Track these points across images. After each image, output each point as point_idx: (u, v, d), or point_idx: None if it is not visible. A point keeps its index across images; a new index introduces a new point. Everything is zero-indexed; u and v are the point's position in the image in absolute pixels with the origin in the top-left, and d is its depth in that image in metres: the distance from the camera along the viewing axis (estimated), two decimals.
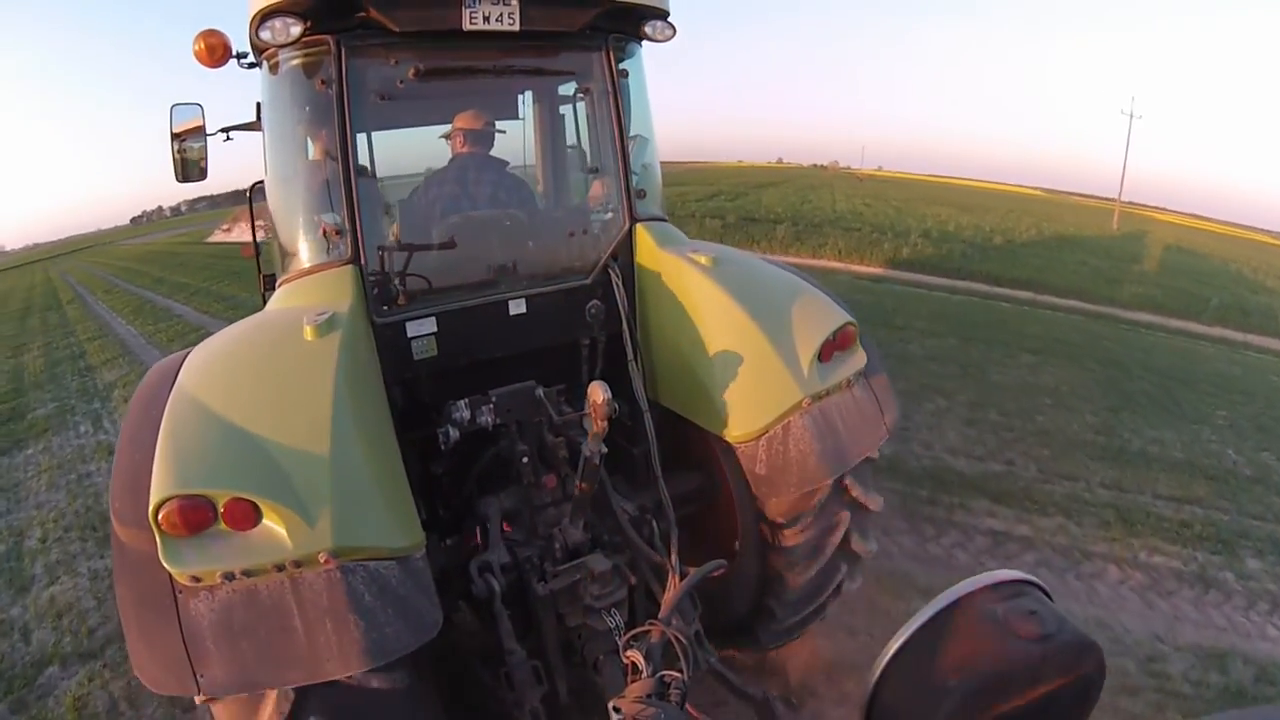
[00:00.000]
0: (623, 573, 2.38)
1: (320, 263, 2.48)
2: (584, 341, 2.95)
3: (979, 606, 0.85)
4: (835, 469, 2.42)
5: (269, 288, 3.25)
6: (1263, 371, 9.61)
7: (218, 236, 37.95)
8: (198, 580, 1.65)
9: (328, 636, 1.67)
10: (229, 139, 3.27)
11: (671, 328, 2.75)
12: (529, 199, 3.27)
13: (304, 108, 2.58)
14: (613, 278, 2.83)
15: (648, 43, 2.94)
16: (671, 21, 2.82)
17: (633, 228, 2.88)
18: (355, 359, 2.08)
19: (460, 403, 2.51)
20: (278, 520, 1.67)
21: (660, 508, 2.56)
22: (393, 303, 2.52)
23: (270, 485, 1.69)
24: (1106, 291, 13.63)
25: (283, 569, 1.67)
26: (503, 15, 2.42)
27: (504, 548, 2.43)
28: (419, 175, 3.14)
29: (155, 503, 1.61)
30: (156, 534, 1.62)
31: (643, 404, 2.68)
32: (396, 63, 2.51)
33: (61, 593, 4.14)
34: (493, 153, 3.07)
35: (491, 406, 2.50)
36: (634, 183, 2.92)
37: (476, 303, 2.69)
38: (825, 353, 2.48)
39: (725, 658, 2.37)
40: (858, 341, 2.62)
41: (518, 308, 2.74)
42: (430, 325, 2.57)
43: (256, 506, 1.67)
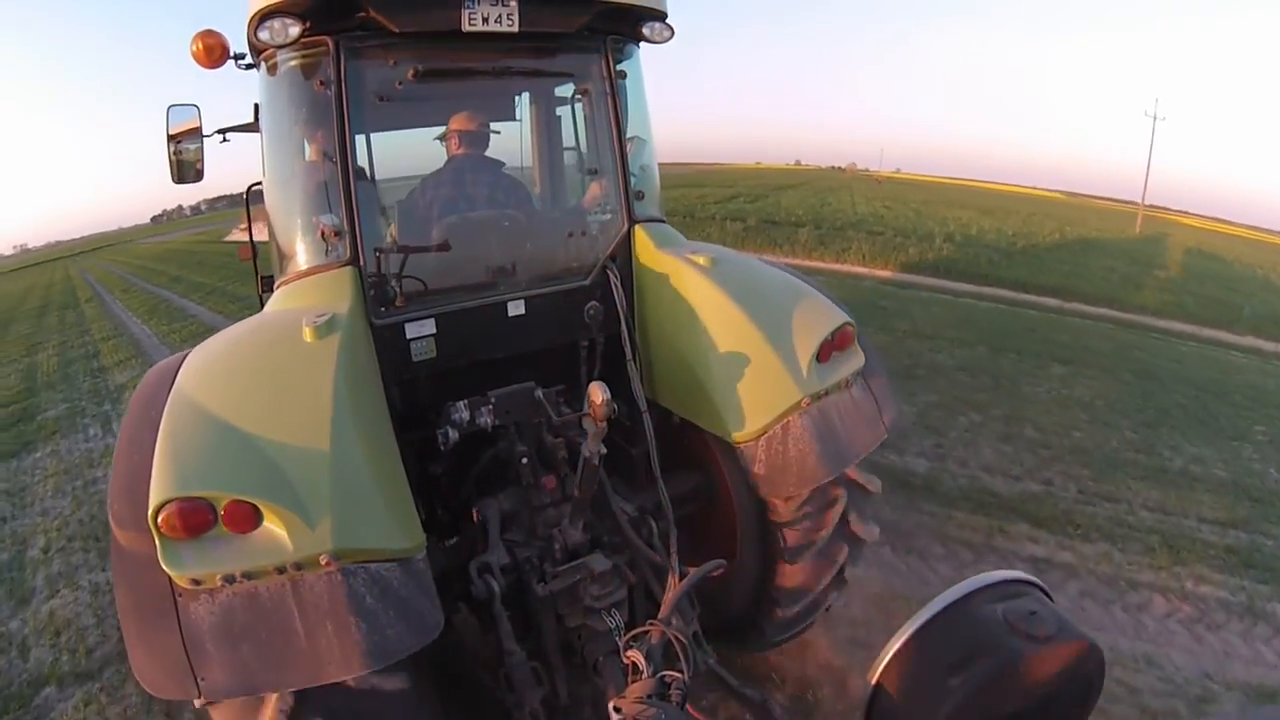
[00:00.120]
0: (622, 573, 2.38)
1: (319, 264, 2.47)
2: (583, 342, 2.96)
3: (979, 606, 0.84)
4: (834, 469, 2.42)
5: (267, 289, 3.25)
6: None
7: (236, 235, 38.17)
8: (198, 583, 1.64)
9: (329, 639, 1.65)
10: (225, 140, 3.26)
11: (670, 328, 2.75)
12: (526, 200, 3.27)
13: (302, 109, 2.57)
14: (611, 279, 2.82)
15: (649, 45, 2.94)
16: (670, 23, 2.82)
17: (631, 229, 2.88)
18: (354, 360, 2.08)
19: (459, 404, 2.52)
20: (278, 522, 1.66)
21: (660, 508, 2.57)
22: (391, 304, 2.52)
23: (270, 487, 1.67)
24: (1135, 298, 13.27)
25: (283, 571, 1.66)
26: (502, 16, 2.42)
27: (503, 549, 2.43)
28: (417, 177, 3.13)
29: (154, 505, 1.59)
30: (156, 537, 1.61)
31: (641, 404, 2.69)
32: (395, 64, 2.51)
33: (61, 607, 4.08)
34: (490, 154, 3.07)
35: (491, 408, 2.50)
36: (632, 184, 2.92)
37: (475, 304, 2.68)
38: (824, 353, 2.48)
39: (724, 658, 2.36)
40: (856, 342, 2.62)
41: (516, 309, 2.74)
42: (429, 327, 2.57)
43: (256, 509, 1.66)
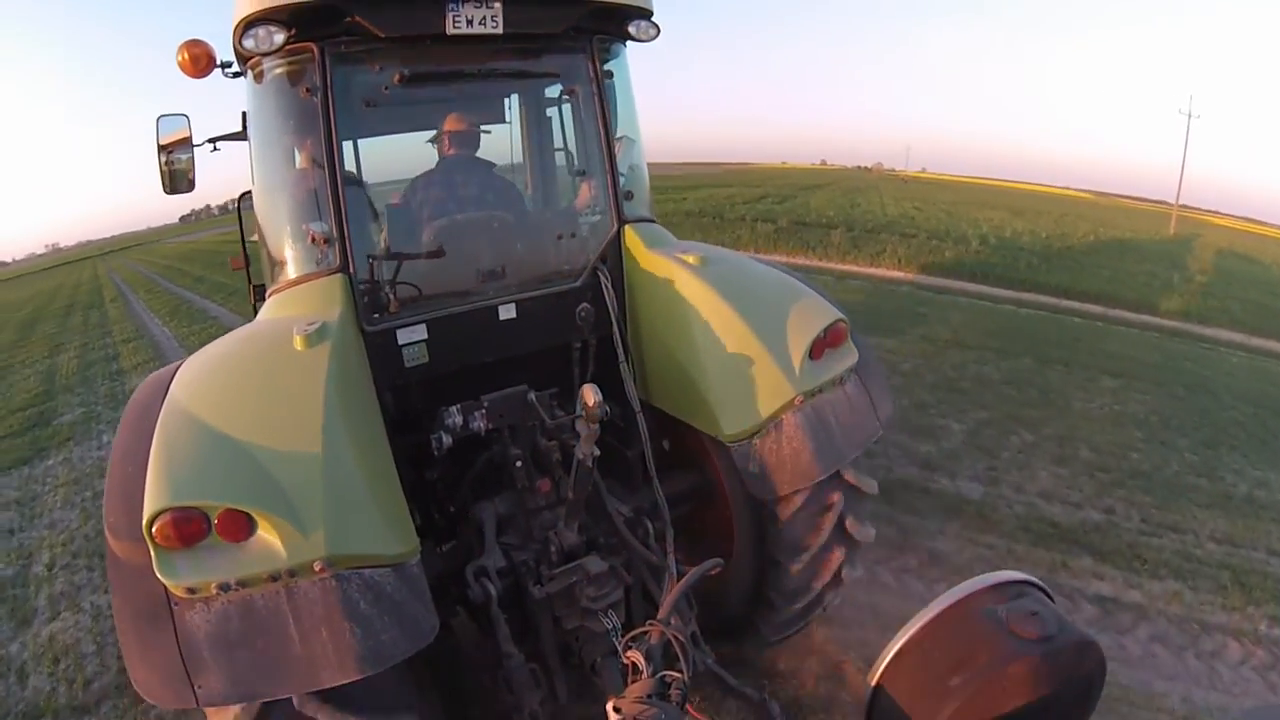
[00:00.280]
0: (619, 574, 2.38)
1: (309, 272, 2.46)
2: (575, 344, 2.95)
3: (979, 607, 0.83)
4: (829, 466, 2.42)
5: (259, 298, 3.23)
6: None
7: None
8: (193, 592, 1.64)
9: (324, 645, 1.66)
10: (216, 149, 3.22)
11: (662, 329, 2.75)
12: (516, 200, 3.27)
13: (290, 116, 2.56)
14: (602, 280, 2.82)
15: (640, 44, 2.92)
16: (655, 21, 2.81)
17: (621, 229, 2.88)
18: (346, 368, 2.07)
19: (453, 408, 2.51)
20: (271, 530, 1.66)
21: (656, 509, 2.57)
22: (383, 310, 2.51)
23: (263, 496, 1.68)
24: (1179, 305, 12.80)
25: (278, 579, 1.66)
26: (486, 18, 2.41)
27: (499, 552, 2.43)
28: (406, 181, 3.10)
29: (149, 515, 1.59)
30: (151, 547, 1.61)
31: (635, 405, 2.69)
32: (381, 68, 2.50)
33: (62, 631, 3.98)
34: (480, 155, 3.06)
35: (484, 412, 2.50)
36: (621, 184, 2.91)
37: (467, 308, 2.67)
38: (816, 350, 2.48)
39: (722, 658, 2.36)
40: (849, 339, 2.62)
41: (508, 312, 2.73)
42: (421, 332, 2.56)
43: (250, 517, 1.66)
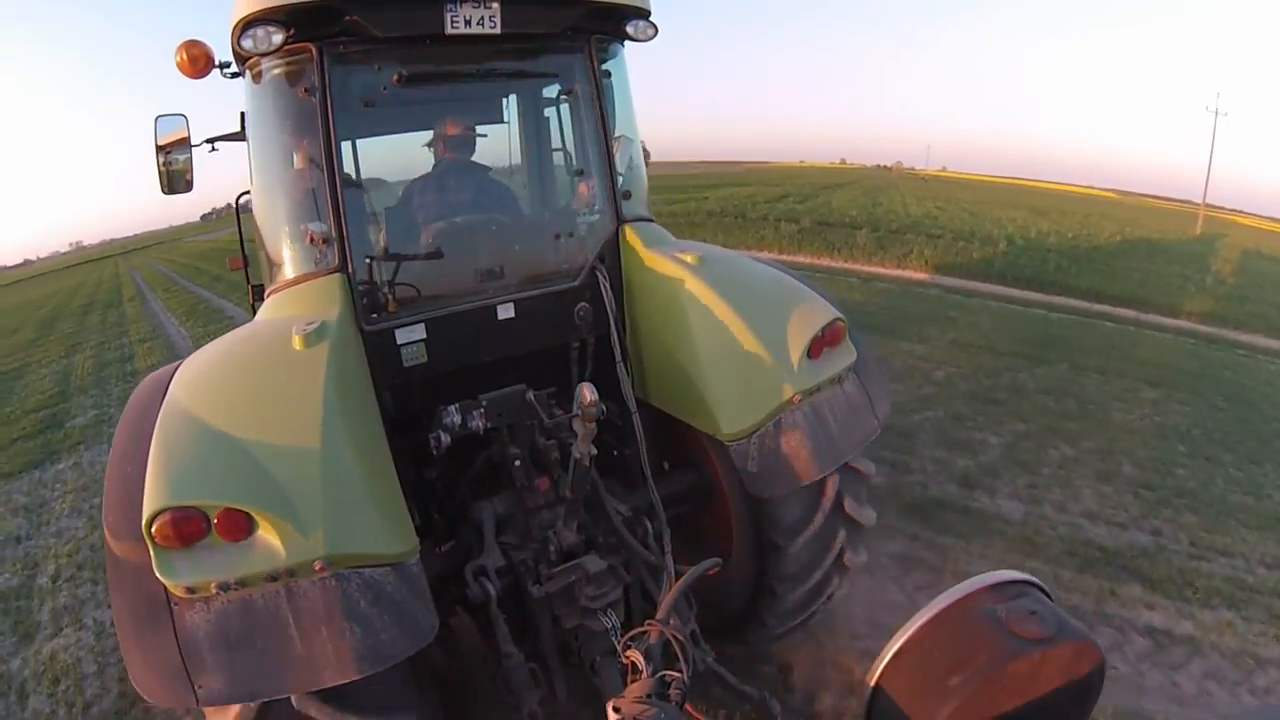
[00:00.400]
0: (618, 573, 2.38)
1: (308, 272, 2.46)
2: (573, 344, 2.96)
3: (979, 606, 0.81)
4: (827, 465, 2.43)
5: (258, 298, 3.23)
6: None
7: None
8: (192, 591, 1.64)
9: (324, 644, 1.66)
10: (214, 150, 3.20)
11: (660, 328, 2.76)
12: (512, 203, 3.26)
13: (288, 116, 2.55)
14: (600, 279, 2.82)
15: (640, 44, 2.92)
16: (653, 21, 2.81)
17: (619, 229, 2.88)
18: (345, 367, 2.08)
19: (451, 408, 2.51)
20: (271, 530, 1.67)
21: (654, 508, 2.58)
22: (381, 310, 2.51)
23: (263, 495, 1.68)
24: (1212, 309, 12.30)
25: (277, 578, 1.66)
26: (484, 18, 2.41)
27: (498, 551, 2.43)
28: (404, 182, 3.10)
29: (148, 515, 1.59)
30: (150, 547, 1.61)
31: (631, 405, 2.70)
32: (379, 69, 2.50)
33: (64, 648, 3.91)
34: (477, 158, 3.06)
35: (482, 411, 2.50)
36: (619, 184, 2.91)
37: (465, 308, 2.67)
38: (814, 349, 2.48)
39: (722, 657, 2.35)
40: (847, 338, 2.62)
41: (506, 312, 2.73)
42: (419, 332, 2.56)
43: (250, 517, 1.66)
